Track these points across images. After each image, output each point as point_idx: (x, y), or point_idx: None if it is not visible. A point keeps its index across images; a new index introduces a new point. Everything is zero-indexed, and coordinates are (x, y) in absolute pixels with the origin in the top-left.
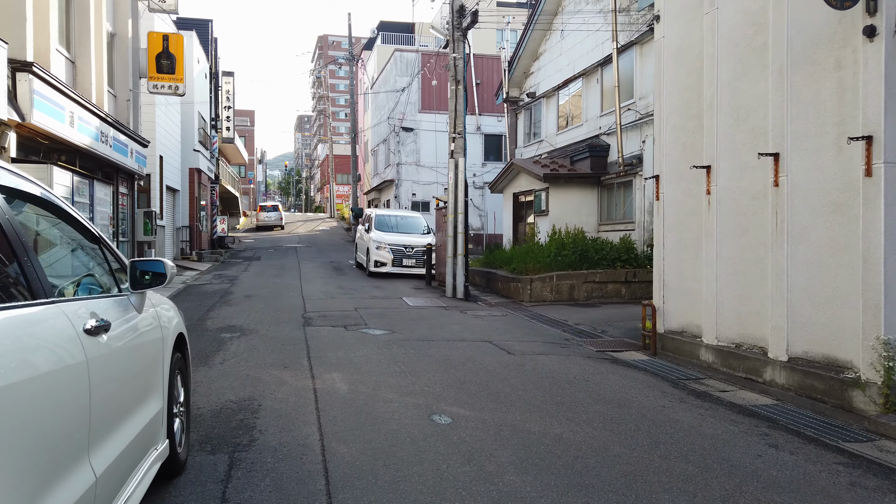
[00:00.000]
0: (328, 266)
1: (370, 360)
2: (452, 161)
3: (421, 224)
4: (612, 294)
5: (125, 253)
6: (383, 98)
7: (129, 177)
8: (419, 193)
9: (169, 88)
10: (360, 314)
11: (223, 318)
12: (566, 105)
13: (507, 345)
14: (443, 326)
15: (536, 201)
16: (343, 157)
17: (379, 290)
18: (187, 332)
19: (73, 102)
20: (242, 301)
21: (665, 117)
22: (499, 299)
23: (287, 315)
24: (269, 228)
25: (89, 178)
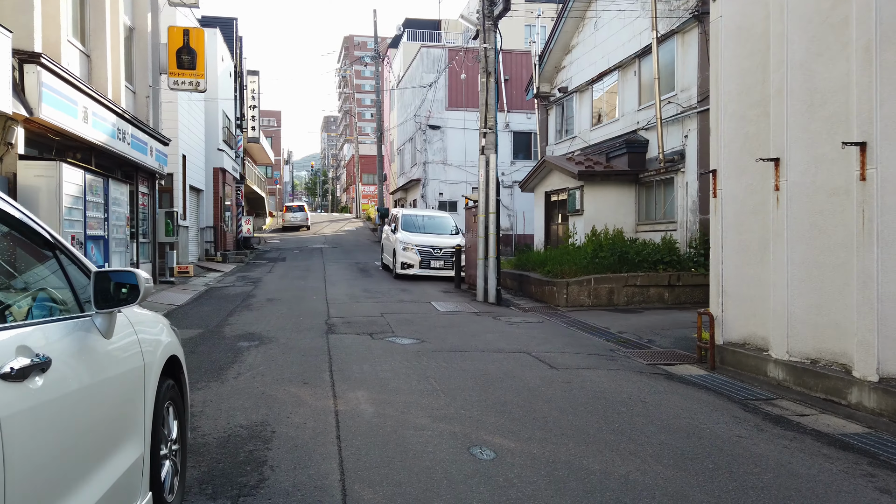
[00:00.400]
0: (353, 268)
1: (398, 376)
2: (483, 157)
3: (449, 224)
4: (653, 299)
5: (146, 255)
6: (409, 96)
7: (150, 176)
8: (446, 193)
9: (190, 84)
10: (386, 320)
11: (243, 324)
12: (600, 100)
13: (547, 357)
14: (476, 335)
15: (570, 200)
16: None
17: (406, 293)
18: (201, 340)
19: (86, 97)
20: (264, 305)
21: (723, 105)
22: (532, 304)
23: (309, 321)
24: (295, 229)
25: (104, 176)
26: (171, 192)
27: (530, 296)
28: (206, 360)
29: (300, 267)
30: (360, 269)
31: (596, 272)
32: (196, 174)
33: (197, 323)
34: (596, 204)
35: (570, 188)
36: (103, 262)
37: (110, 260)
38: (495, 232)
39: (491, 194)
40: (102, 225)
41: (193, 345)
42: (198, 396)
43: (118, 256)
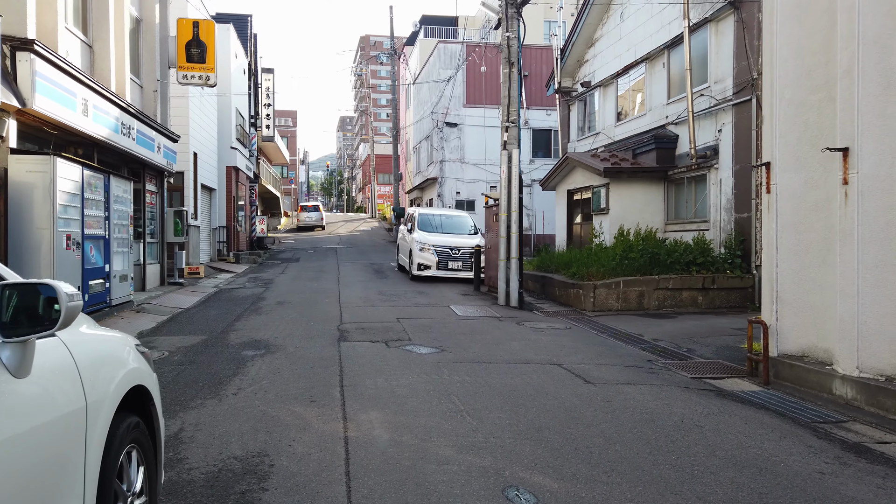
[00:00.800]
0: (368, 269)
1: (417, 392)
2: (505, 153)
3: (467, 224)
4: (686, 303)
5: (154, 256)
6: (426, 93)
7: (158, 174)
8: (463, 192)
9: (199, 79)
10: (402, 326)
11: (249, 330)
12: (626, 94)
13: (581, 369)
14: (500, 343)
15: (595, 198)
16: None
17: (423, 296)
18: (203, 349)
19: (86, 89)
20: (274, 309)
21: (778, 90)
22: (557, 308)
23: (321, 327)
24: (310, 229)
25: (104, 172)
26: (181, 190)
27: (554, 299)
28: (206, 373)
29: (314, 268)
30: (375, 270)
31: (625, 274)
32: (208, 173)
33: (201, 328)
34: (622, 202)
35: (594, 186)
36: (104, 264)
37: (112, 261)
38: (518, 231)
39: (513, 192)
40: (103, 224)
41: (193, 354)
42: (190, 418)
43: (121, 257)
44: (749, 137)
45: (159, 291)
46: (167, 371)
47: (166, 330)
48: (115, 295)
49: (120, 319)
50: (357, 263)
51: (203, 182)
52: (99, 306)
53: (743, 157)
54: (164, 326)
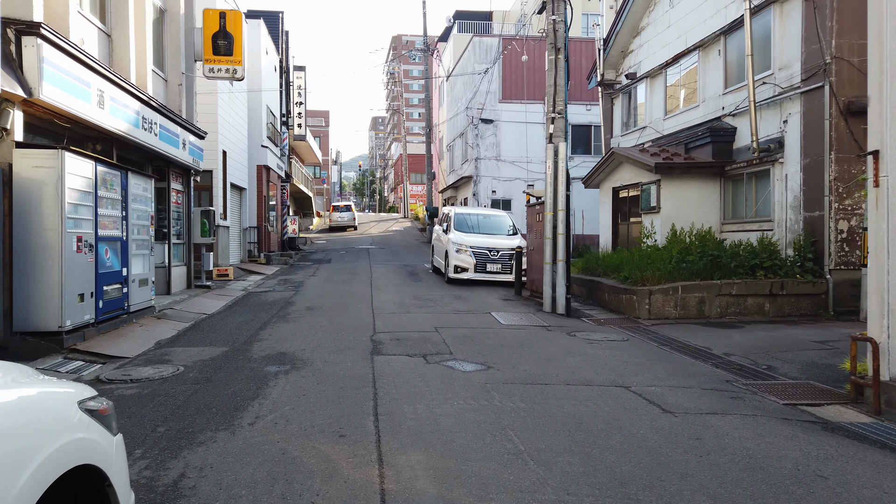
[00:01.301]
0: (402, 271)
1: (465, 424)
2: (551, 146)
3: (506, 223)
4: (752, 310)
5: (180, 257)
6: (460, 89)
7: (185, 172)
8: (499, 190)
9: (226, 72)
10: (442, 337)
11: (275, 340)
12: (676, 85)
13: (653, 393)
14: (553, 359)
15: (644, 196)
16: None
17: (461, 301)
18: (223, 363)
19: (102, 79)
20: (303, 315)
21: (889, 68)
22: (607, 315)
23: (352, 337)
24: (342, 229)
25: (121, 168)
26: (210, 190)
27: (603, 305)
28: (222, 395)
29: (345, 269)
30: (408, 272)
31: (682, 279)
32: (238, 171)
33: (224, 338)
34: (674, 200)
35: (643, 183)
36: (121, 267)
37: (130, 264)
38: (565, 232)
39: (560, 188)
40: (119, 224)
41: (211, 370)
42: (195, 458)
43: (140, 260)
44: (820, 128)
45: (184, 295)
46: (179, 392)
47: (186, 339)
48: (133, 301)
49: (138, 327)
50: (390, 265)
51: (232, 181)
52: (116, 313)
53: (813, 150)
54: (184, 335)
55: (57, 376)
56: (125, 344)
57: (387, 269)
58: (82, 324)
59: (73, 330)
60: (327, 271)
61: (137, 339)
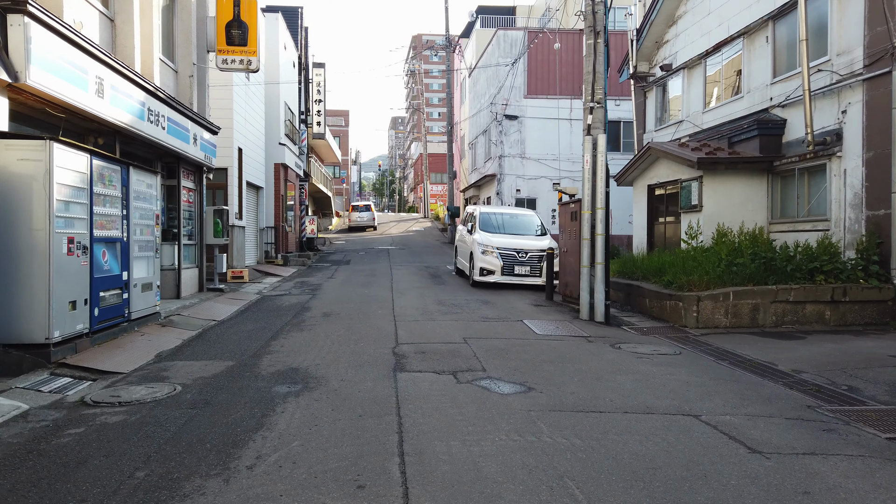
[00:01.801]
0: (423, 272)
1: (512, 471)
2: (589, 139)
3: (534, 223)
4: (811, 318)
5: (191, 259)
6: (483, 85)
7: (197, 169)
8: (524, 189)
9: (241, 63)
10: (472, 349)
11: (287, 353)
12: (717, 75)
13: (730, 425)
14: (601, 378)
15: (684, 194)
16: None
17: (489, 306)
18: (226, 382)
19: (101, 65)
20: (319, 322)
21: None
22: (649, 323)
23: (372, 349)
24: (361, 229)
25: (121, 163)
26: (225, 188)
27: (643, 311)
28: (220, 424)
29: (364, 271)
30: (430, 274)
31: (733, 284)
32: (254, 170)
33: (231, 349)
34: (718, 198)
35: (683, 180)
36: (120, 271)
37: (131, 267)
38: (604, 233)
39: (599, 185)
40: (119, 224)
41: (212, 390)
42: None
43: (143, 263)
44: (887, 118)
45: (195, 299)
46: (171, 419)
47: (189, 351)
48: (135, 307)
49: (139, 337)
50: (411, 266)
51: (249, 179)
52: (114, 321)
53: (878, 143)
54: (188, 346)
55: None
56: (122, 357)
57: (408, 271)
58: (74, 334)
59: (64, 341)
60: (346, 273)
61: (136, 350)
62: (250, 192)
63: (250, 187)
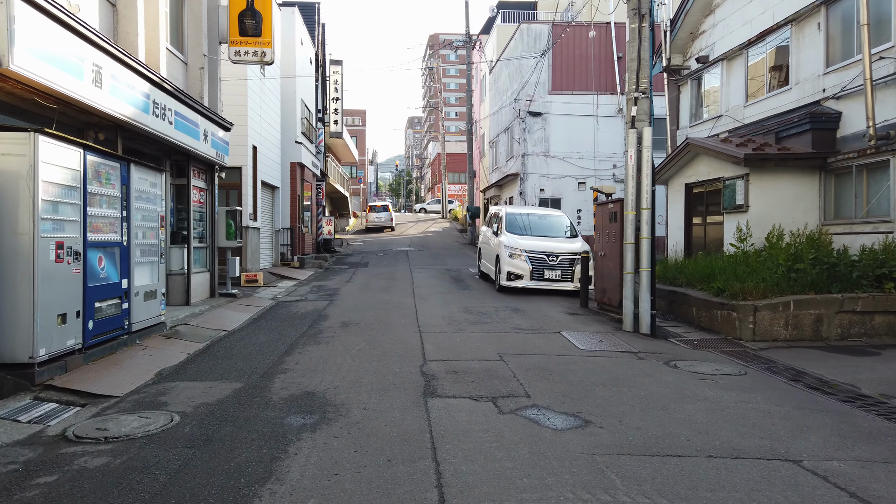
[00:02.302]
0: (445, 276)
1: None
2: (633, 132)
3: (563, 224)
4: (880, 331)
5: (202, 262)
6: (505, 82)
7: (208, 168)
8: (548, 189)
9: (254, 55)
10: (510, 368)
11: (302, 372)
12: (760, 66)
13: (844, 476)
14: (667, 406)
15: (728, 193)
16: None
17: (520, 315)
18: (231, 412)
19: (100, 52)
20: (337, 334)
21: None
22: (698, 334)
23: (398, 367)
24: (378, 230)
25: (121, 159)
26: (239, 188)
27: (689, 321)
28: (219, 474)
29: (384, 274)
30: (452, 277)
31: (793, 291)
32: (270, 169)
33: (240, 367)
34: (765, 197)
35: (726, 178)
36: (120, 279)
37: (132, 274)
38: (650, 235)
39: (644, 183)
40: (118, 227)
41: (215, 421)
42: None
43: (147, 269)
44: None
45: (205, 306)
46: (162, 463)
47: (193, 369)
48: (137, 318)
49: (140, 351)
50: (431, 269)
51: (264, 179)
52: (113, 334)
53: None
54: (193, 362)
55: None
56: (117, 376)
57: (429, 275)
58: (64, 351)
59: (51, 360)
60: (364, 277)
61: (135, 368)
62: (265, 191)
63: (265, 187)
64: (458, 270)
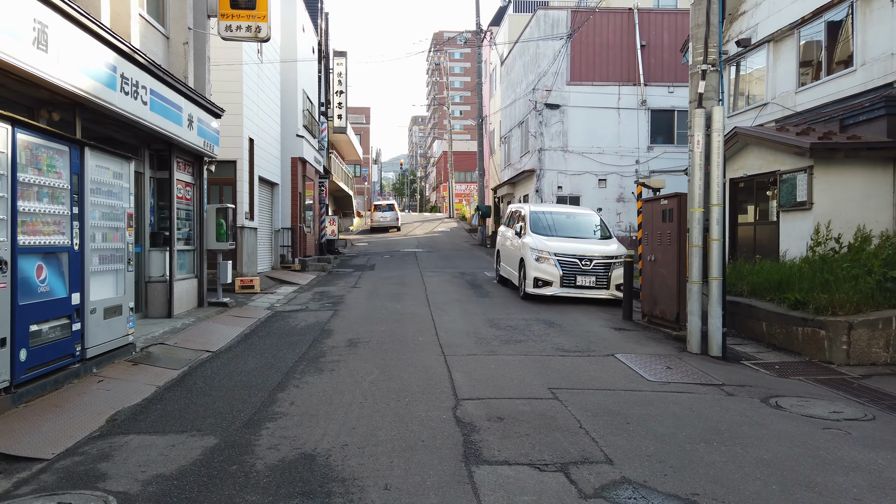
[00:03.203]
0: (460, 281)
1: None
2: (701, 112)
3: (593, 223)
4: None
5: (189, 267)
6: (519, 73)
7: (196, 160)
8: (566, 186)
9: (247, 31)
10: (571, 413)
11: (297, 418)
12: (814, 47)
13: None
14: (811, 480)
15: (785, 188)
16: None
17: (558, 330)
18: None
19: (46, 7)
20: (343, 356)
21: None
22: (774, 355)
23: (423, 410)
24: (384, 230)
25: (71, 142)
26: (234, 184)
27: (756, 338)
28: None
29: (392, 279)
30: (468, 282)
31: (891, 305)
32: (268, 164)
33: (218, 410)
34: (832, 193)
35: (782, 171)
36: (68, 293)
37: (86, 287)
38: (721, 237)
39: (715, 173)
40: (67, 227)
41: None
42: None
43: (109, 279)
44: None
45: (190, 318)
46: None
47: (158, 412)
48: (94, 340)
49: (95, 384)
50: (444, 273)
51: (261, 174)
52: (59, 363)
53: None
54: (160, 400)
55: None
56: (54, 424)
57: (442, 279)
58: None
59: None
60: (371, 281)
61: (81, 410)
62: (264, 188)
63: (263, 183)
64: (472, 274)
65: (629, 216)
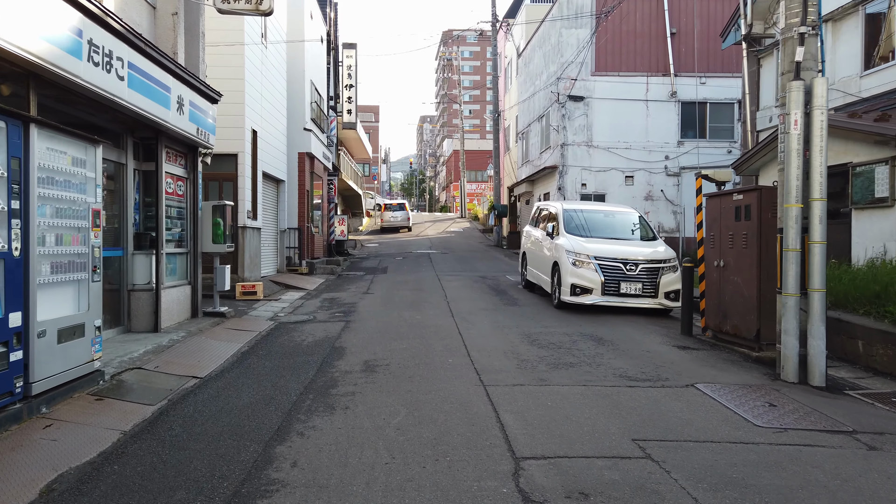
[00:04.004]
0: (482, 286)
1: None
2: (797, 85)
3: (630, 221)
4: None
5: (180, 273)
6: (539, 64)
7: (189, 150)
8: (590, 183)
9: (247, 2)
10: (676, 482)
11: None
12: (881, 27)
13: None
14: None
15: (860, 183)
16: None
17: (610, 349)
18: None
19: None
20: (359, 387)
21: None
22: (881, 382)
23: (473, 481)
24: (394, 230)
25: (10, 116)
26: (235, 180)
27: (849, 358)
28: None
29: (408, 283)
30: (490, 287)
31: None
32: (273, 158)
33: (195, 475)
34: None
35: (856, 164)
36: (4, 313)
37: (31, 303)
38: (823, 239)
39: (816, 160)
40: (2, 227)
41: None
42: None
43: (68, 292)
44: None
45: (181, 332)
46: None
47: (114, 477)
48: (45, 371)
49: (39, 430)
50: (462, 277)
51: (266, 170)
52: None
53: None
54: (121, 456)
55: None
56: None
57: (461, 284)
58: None
59: None
60: (385, 286)
61: (9, 473)
62: (268, 185)
63: (268, 179)
64: (494, 278)
65: (658, 216)
